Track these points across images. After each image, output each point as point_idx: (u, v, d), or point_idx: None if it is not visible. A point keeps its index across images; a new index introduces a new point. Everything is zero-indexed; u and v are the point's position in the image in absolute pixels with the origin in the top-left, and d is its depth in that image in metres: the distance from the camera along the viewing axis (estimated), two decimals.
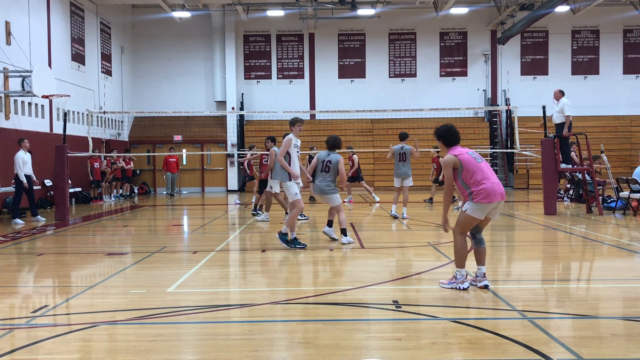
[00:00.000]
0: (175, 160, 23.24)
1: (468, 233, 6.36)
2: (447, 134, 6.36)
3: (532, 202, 18.30)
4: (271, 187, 12.25)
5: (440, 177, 14.98)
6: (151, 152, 24.72)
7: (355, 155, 18.28)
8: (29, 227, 12.68)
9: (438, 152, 16.51)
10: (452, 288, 6.24)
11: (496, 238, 10.88)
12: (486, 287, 6.22)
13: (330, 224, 9.86)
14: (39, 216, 14.11)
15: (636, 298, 6.05)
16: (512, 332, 4.70)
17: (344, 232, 9.53)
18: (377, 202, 17.75)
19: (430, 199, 17.48)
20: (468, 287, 6.22)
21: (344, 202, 17.09)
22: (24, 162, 13.55)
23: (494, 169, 25.31)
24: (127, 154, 22.43)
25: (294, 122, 9.38)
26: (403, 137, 13.49)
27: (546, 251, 9.09)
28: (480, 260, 6.34)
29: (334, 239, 9.77)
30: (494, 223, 13.16)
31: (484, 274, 6.31)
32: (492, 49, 26.10)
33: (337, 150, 9.82)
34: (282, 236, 9.13)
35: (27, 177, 13.59)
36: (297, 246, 9.05)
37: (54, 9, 18.77)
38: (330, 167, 9.59)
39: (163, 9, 23.44)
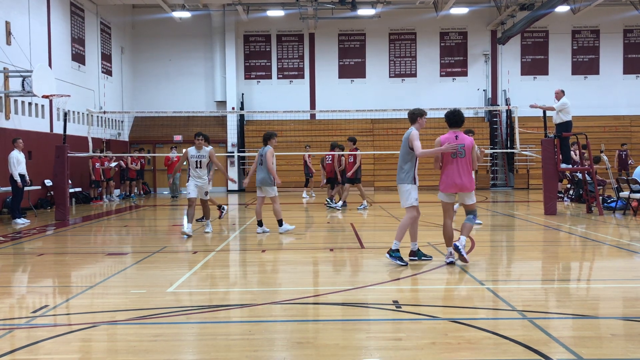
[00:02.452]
0: (177, 160, 22.29)
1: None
2: (451, 116, 7.75)
3: (532, 202, 18.29)
4: (206, 193, 11.14)
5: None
6: (151, 152, 24.71)
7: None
8: (28, 227, 12.68)
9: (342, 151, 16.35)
10: (448, 262, 7.51)
11: (496, 238, 10.88)
12: (455, 246, 7.44)
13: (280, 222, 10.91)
14: (17, 219, 13.38)
15: (636, 298, 6.05)
16: (512, 332, 4.70)
17: (280, 222, 10.82)
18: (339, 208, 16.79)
19: (331, 198, 16.65)
20: (453, 262, 7.49)
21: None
22: (18, 161, 13.53)
23: (493, 169, 25.66)
24: (146, 154, 22.34)
25: (420, 113, 7.94)
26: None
27: (546, 251, 9.09)
28: (461, 232, 7.56)
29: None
30: (494, 222, 13.16)
31: (459, 238, 7.49)
32: (492, 49, 26.10)
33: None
34: (394, 253, 7.68)
35: (21, 176, 13.58)
36: (423, 258, 7.95)
37: (54, 9, 18.78)
38: (263, 160, 10.73)
39: (163, 9, 23.44)
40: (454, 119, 7.67)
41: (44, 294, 6.55)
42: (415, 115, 7.88)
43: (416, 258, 7.87)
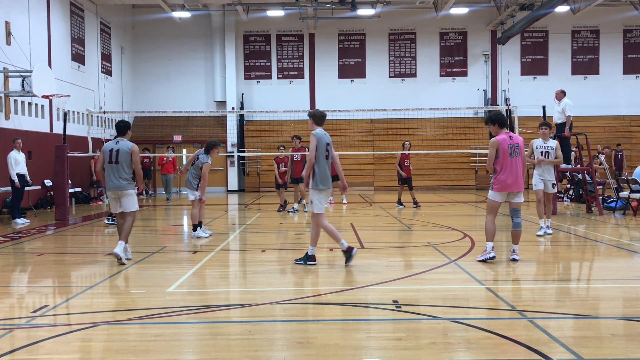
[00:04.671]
0: (171, 160, 21.60)
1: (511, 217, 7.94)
2: (502, 118, 7.89)
3: (532, 202, 18.28)
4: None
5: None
6: (151, 152, 24.70)
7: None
8: (28, 227, 12.68)
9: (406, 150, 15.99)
10: (483, 260, 7.72)
11: (496, 238, 10.84)
12: (514, 260, 7.78)
13: (200, 224, 10.72)
14: (17, 219, 13.40)
15: (636, 298, 6.05)
16: (512, 332, 4.70)
17: (194, 227, 10.60)
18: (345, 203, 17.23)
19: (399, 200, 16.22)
20: (494, 257, 7.73)
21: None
22: (16, 161, 13.51)
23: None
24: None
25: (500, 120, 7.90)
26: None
27: (546, 251, 9.09)
28: (513, 240, 7.94)
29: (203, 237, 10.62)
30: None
31: (513, 250, 7.91)
32: (492, 49, 26.10)
33: None
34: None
35: (21, 176, 13.57)
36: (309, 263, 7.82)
37: (54, 9, 18.78)
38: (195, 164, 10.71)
39: (163, 9, 23.44)
40: (504, 120, 7.88)
41: (44, 294, 6.55)
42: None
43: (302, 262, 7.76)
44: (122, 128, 8.39)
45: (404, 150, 16.19)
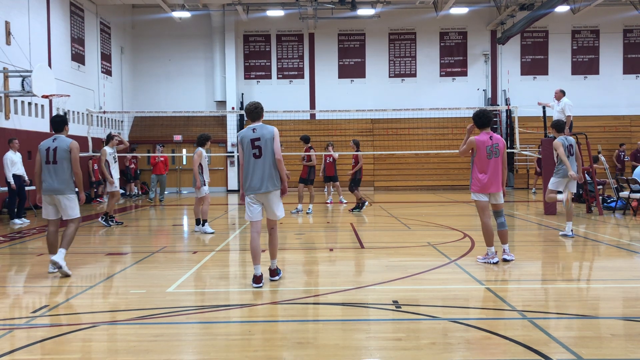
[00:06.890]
0: (163, 160, 20.32)
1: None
2: (482, 117, 7.67)
3: (532, 202, 18.30)
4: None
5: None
6: (151, 152, 24.68)
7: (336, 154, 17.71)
8: (28, 227, 12.67)
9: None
10: (485, 262, 7.64)
11: (496, 238, 10.86)
12: (505, 260, 7.70)
13: (203, 222, 11.15)
14: (16, 219, 13.41)
15: (636, 298, 6.05)
16: (512, 332, 4.70)
17: (203, 222, 11.14)
18: (345, 203, 17.62)
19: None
20: (497, 262, 7.60)
21: (326, 202, 17.53)
22: (12, 162, 13.48)
23: None
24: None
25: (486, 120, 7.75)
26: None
27: (546, 251, 9.08)
28: (501, 241, 7.84)
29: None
30: (494, 223, 13.13)
31: (504, 250, 7.82)
32: (492, 49, 26.11)
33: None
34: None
35: (18, 177, 13.55)
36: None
37: (54, 9, 18.78)
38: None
39: (163, 9, 23.44)
40: (485, 120, 7.64)
41: (44, 294, 6.55)
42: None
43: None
44: (58, 123, 7.52)
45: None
